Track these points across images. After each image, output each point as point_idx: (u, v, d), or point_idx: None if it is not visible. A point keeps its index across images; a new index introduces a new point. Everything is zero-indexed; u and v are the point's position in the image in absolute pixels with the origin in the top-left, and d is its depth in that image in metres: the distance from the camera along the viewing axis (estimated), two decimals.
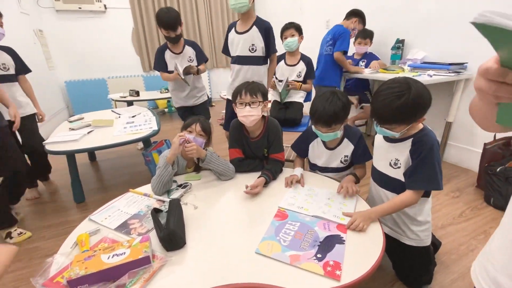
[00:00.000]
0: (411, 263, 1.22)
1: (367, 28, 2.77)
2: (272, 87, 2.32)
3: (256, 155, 1.51)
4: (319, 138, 1.37)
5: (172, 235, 0.90)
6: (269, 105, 1.85)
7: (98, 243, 0.95)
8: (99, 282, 0.76)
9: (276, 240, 0.93)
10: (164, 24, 2.01)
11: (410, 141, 1.04)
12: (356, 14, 2.61)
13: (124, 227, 1.03)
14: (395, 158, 1.09)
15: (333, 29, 2.60)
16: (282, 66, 2.39)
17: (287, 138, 1.82)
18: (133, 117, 2.45)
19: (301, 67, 2.34)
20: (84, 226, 1.05)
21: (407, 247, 1.18)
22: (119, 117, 2.50)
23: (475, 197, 1.96)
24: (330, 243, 0.91)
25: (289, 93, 2.35)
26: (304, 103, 2.38)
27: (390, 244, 1.09)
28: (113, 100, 3.81)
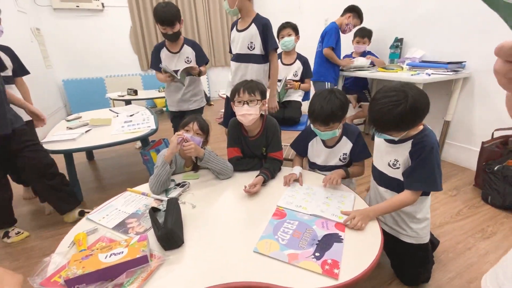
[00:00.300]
0: (409, 261, 1.22)
1: (365, 27, 2.77)
2: (275, 86, 2.30)
3: (254, 154, 1.51)
4: (318, 136, 1.37)
5: (170, 234, 0.89)
6: (267, 104, 1.80)
7: (95, 242, 0.94)
8: (96, 281, 0.76)
9: (274, 239, 0.93)
10: (160, 18, 1.90)
11: (410, 142, 1.03)
12: (350, 10, 2.61)
13: (121, 226, 1.03)
14: (394, 159, 1.09)
15: (326, 27, 2.64)
16: (279, 65, 2.39)
17: (286, 137, 1.82)
18: (131, 116, 2.44)
19: (298, 66, 2.34)
20: (81, 226, 1.05)
21: (405, 244, 1.18)
22: (117, 116, 2.48)
23: (472, 195, 1.97)
24: (328, 241, 0.91)
25: (287, 92, 2.35)
26: (303, 102, 2.38)
27: (388, 242, 1.09)
28: (111, 99, 3.80)
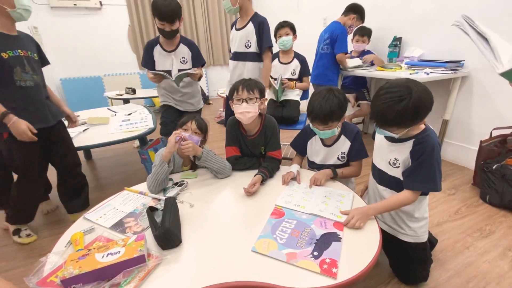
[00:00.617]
0: (407, 259, 1.22)
1: (365, 25, 2.76)
2: (266, 86, 2.30)
3: (253, 153, 1.50)
4: (317, 135, 1.37)
5: (168, 233, 0.89)
6: (266, 103, 1.80)
7: (92, 242, 0.94)
8: (93, 281, 0.75)
9: (272, 238, 0.93)
10: (160, 13, 1.71)
11: (411, 142, 1.03)
12: (354, 11, 2.51)
13: (119, 225, 1.02)
14: (394, 157, 1.09)
15: (330, 26, 2.57)
16: (276, 64, 2.40)
17: (284, 136, 1.82)
18: (129, 114, 2.43)
19: (295, 64, 2.34)
20: (78, 225, 1.04)
21: (404, 243, 1.18)
22: (115, 114, 2.47)
23: (471, 194, 1.97)
24: (327, 240, 0.91)
25: (284, 91, 2.35)
26: (301, 101, 2.37)
27: (386, 241, 1.09)
28: (109, 98, 3.78)
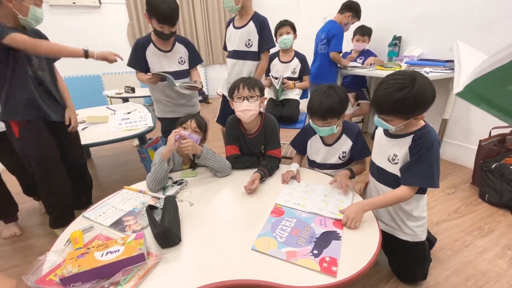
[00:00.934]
0: (406, 258, 1.23)
1: (365, 25, 2.76)
2: (266, 85, 2.29)
3: (253, 152, 1.50)
4: (317, 134, 1.37)
5: (167, 232, 0.89)
6: (265, 102, 1.80)
7: (92, 240, 0.94)
8: (92, 279, 0.75)
9: (272, 236, 0.93)
10: (161, 15, 1.56)
11: (410, 137, 1.03)
12: (349, 8, 2.53)
13: (118, 224, 1.02)
14: (393, 153, 1.09)
15: (326, 25, 2.58)
16: (277, 63, 2.39)
17: (284, 135, 1.82)
18: (128, 113, 2.43)
19: (295, 63, 2.34)
20: (78, 223, 1.04)
21: (402, 242, 1.18)
22: (114, 113, 2.47)
23: (470, 193, 1.98)
24: (327, 239, 0.91)
25: (284, 90, 2.35)
26: (301, 100, 2.37)
27: (386, 240, 1.09)
28: (108, 96, 3.76)
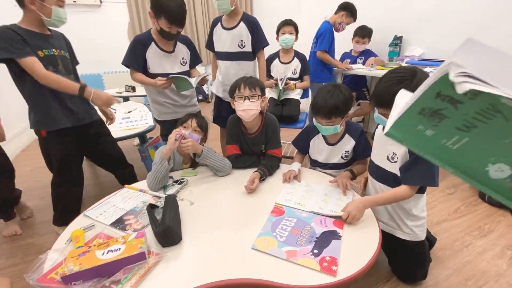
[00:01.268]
0: (405, 258, 1.23)
1: (366, 25, 2.76)
2: (268, 86, 2.30)
3: (253, 151, 1.50)
4: (320, 134, 1.37)
5: (168, 231, 0.89)
6: (266, 101, 1.80)
7: (93, 239, 0.94)
8: (93, 278, 0.76)
9: (272, 236, 0.93)
10: (171, 15, 1.46)
11: None
12: (344, 8, 2.56)
13: (119, 223, 1.03)
14: (392, 152, 1.09)
15: (320, 26, 2.60)
16: (277, 64, 2.39)
17: (284, 134, 1.82)
18: (129, 112, 2.43)
19: (296, 63, 2.34)
20: (79, 222, 1.04)
21: (402, 242, 1.18)
22: (115, 112, 2.46)
23: (470, 193, 1.98)
24: (327, 238, 0.91)
25: (285, 91, 2.35)
26: (301, 100, 2.37)
27: (385, 239, 1.09)
28: None
